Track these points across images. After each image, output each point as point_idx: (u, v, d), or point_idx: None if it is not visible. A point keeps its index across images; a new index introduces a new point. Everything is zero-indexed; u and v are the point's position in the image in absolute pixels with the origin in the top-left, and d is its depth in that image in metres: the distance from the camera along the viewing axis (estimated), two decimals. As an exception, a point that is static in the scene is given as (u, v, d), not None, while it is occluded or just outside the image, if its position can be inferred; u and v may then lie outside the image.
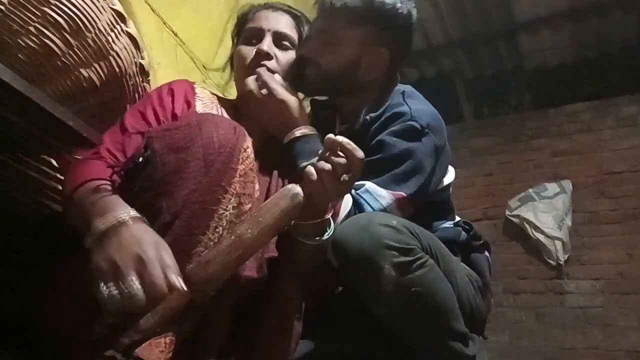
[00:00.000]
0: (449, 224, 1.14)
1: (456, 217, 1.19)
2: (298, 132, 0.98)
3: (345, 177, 0.77)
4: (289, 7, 1.13)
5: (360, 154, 0.77)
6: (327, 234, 0.84)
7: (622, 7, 3.19)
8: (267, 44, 1.04)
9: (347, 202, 0.94)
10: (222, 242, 0.71)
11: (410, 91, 1.12)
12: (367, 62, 1.07)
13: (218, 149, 0.75)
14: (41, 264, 0.80)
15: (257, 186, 0.84)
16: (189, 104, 0.99)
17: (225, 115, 1.03)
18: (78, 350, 0.70)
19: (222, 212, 0.74)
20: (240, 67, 1.06)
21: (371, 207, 0.93)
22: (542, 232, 3.19)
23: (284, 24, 1.09)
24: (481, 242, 1.15)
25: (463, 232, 1.12)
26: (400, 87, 1.13)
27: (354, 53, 1.06)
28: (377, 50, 1.07)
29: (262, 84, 1.00)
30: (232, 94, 1.19)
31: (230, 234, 0.72)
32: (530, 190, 3.38)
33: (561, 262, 3.14)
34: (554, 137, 3.58)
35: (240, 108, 1.09)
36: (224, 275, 0.70)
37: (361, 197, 0.95)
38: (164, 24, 1.65)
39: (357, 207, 0.94)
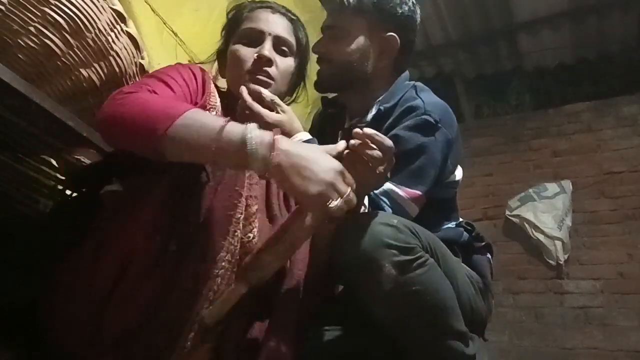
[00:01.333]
0: (451, 224, 1.15)
1: (459, 217, 1.20)
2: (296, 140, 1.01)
3: (380, 168, 0.79)
4: (286, 9, 1.13)
5: (389, 143, 0.79)
6: None
7: (622, 7, 3.19)
8: (268, 49, 1.02)
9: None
10: (278, 246, 0.75)
11: (421, 86, 1.15)
12: (377, 49, 1.11)
13: None
14: (41, 264, 0.80)
15: (255, 178, 0.86)
16: (204, 90, 0.97)
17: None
18: (79, 349, 0.70)
19: (238, 216, 0.77)
20: (238, 70, 1.03)
21: (391, 208, 0.96)
22: (542, 232, 3.19)
23: (283, 28, 1.07)
24: (483, 243, 1.16)
25: (465, 233, 1.12)
26: (411, 82, 1.16)
27: (363, 42, 1.11)
28: (387, 37, 1.11)
29: (247, 107, 0.98)
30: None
31: (281, 239, 0.75)
32: (530, 190, 3.38)
33: (561, 262, 3.13)
34: (554, 137, 3.58)
35: (233, 106, 1.03)
36: (275, 267, 0.77)
37: (381, 199, 0.97)
38: (164, 24, 1.65)
39: (377, 209, 0.96)
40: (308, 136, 1.05)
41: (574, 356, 2.90)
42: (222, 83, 1.14)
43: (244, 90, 0.98)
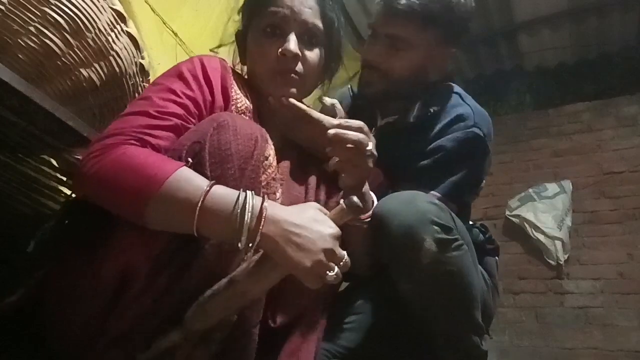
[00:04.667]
0: (468, 224, 1.16)
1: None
2: None
3: (368, 148, 0.79)
4: None
5: (356, 123, 0.79)
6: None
7: (622, 7, 3.19)
8: (293, 43, 0.88)
9: None
10: (222, 293, 0.67)
11: (463, 92, 1.10)
12: (436, 64, 1.06)
13: (238, 160, 0.70)
14: (41, 265, 0.80)
15: (278, 194, 0.83)
16: (226, 97, 0.87)
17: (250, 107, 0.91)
18: (82, 349, 0.70)
19: None
20: (260, 66, 0.92)
21: None
22: (542, 232, 3.19)
23: (310, 12, 0.91)
24: (493, 246, 1.17)
25: (480, 235, 1.14)
26: (447, 84, 1.12)
27: (425, 56, 1.04)
28: (447, 51, 1.06)
29: (305, 116, 0.90)
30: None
31: (233, 286, 0.68)
32: (530, 190, 3.38)
33: (561, 262, 3.14)
34: (554, 137, 3.58)
35: (258, 101, 0.94)
36: (220, 316, 0.70)
37: None
38: (164, 24, 1.65)
39: None
40: None
41: (574, 356, 2.90)
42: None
43: (293, 100, 0.90)
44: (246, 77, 0.99)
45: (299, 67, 0.91)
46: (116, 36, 0.94)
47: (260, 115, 0.93)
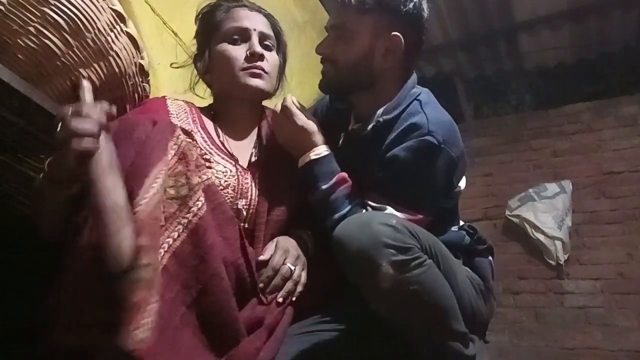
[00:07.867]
0: (453, 227, 1.15)
1: (460, 221, 1.20)
2: (313, 155, 1.05)
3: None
4: (258, 6, 1.15)
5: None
6: None
7: (622, 7, 3.19)
8: (257, 45, 1.06)
9: None
10: None
11: (426, 98, 1.09)
12: (382, 49, 1.06)
13: None
14: (42, 265, 0.80)
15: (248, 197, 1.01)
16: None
17: (199, 124, 1.07)
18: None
19: None
20: (229, 69, 1.06)
21: None
22: (542, 232, 3.19)
23: (263, 24, 1.12)
24: (485, 246, 1.16)
25: (467, 236, 1.12)
26: (417, 89, 1.11)
27: (367, 42, 1.06)
28: (391, 36, 1.05)
29: (284, 109, 1.07)
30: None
31: None
32: (530, 190, 3.38)
33: (561, 262, 3.13)
34: (554, 137, 3.58)
35: (218, 110, 1.13)
36: None
37: None
38: (164, 24, 1.65)
39: None
40: (327, 151, 1.06)
41: (574, 356, 2.90)
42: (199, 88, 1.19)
43: (289, 96, 1.08)
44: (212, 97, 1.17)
45: (265, 65, 1.07)
46: (116, 36, 0.94)
47: (222, 122, 1.10)
